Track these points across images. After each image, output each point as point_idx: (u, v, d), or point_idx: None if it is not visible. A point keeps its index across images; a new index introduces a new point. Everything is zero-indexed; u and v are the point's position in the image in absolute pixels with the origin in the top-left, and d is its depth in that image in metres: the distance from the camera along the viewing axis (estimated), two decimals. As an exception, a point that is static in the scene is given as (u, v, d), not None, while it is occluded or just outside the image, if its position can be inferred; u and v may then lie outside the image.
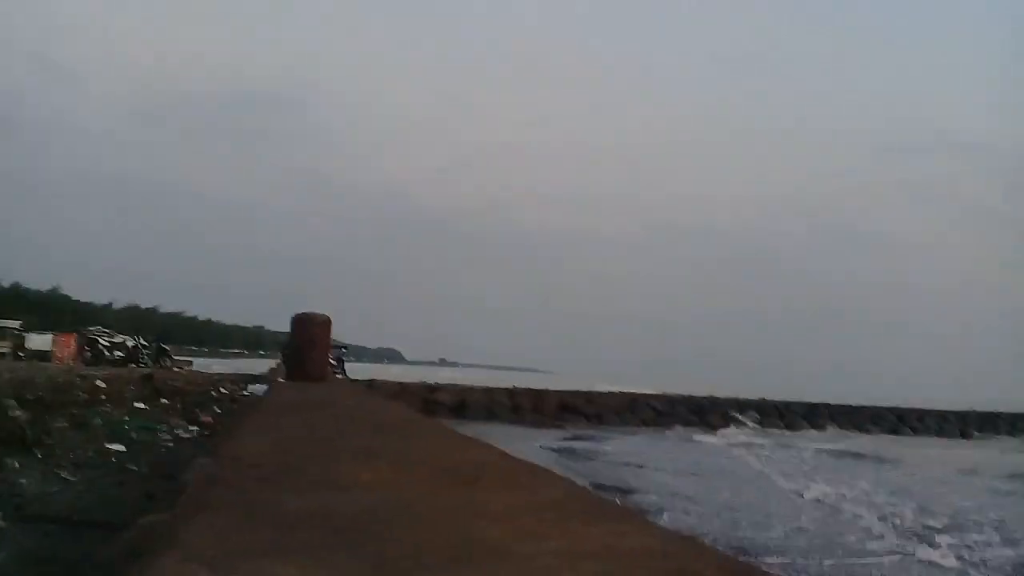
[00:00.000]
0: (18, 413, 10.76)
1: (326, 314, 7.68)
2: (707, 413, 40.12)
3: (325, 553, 2.04)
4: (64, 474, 8.84)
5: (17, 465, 8.42)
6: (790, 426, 40.88)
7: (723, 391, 48.26)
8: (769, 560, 10.84)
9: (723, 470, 22.40)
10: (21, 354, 40.80)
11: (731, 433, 35.39)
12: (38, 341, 44.76)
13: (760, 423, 40.07)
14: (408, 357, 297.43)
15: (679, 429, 36.21)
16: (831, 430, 40.99)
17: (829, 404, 45.25)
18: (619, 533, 2.50)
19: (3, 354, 40.45)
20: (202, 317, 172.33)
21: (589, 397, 38.60)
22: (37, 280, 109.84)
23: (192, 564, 1.95)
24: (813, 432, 39.76)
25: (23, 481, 7.99)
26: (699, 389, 49.58)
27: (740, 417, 40.06)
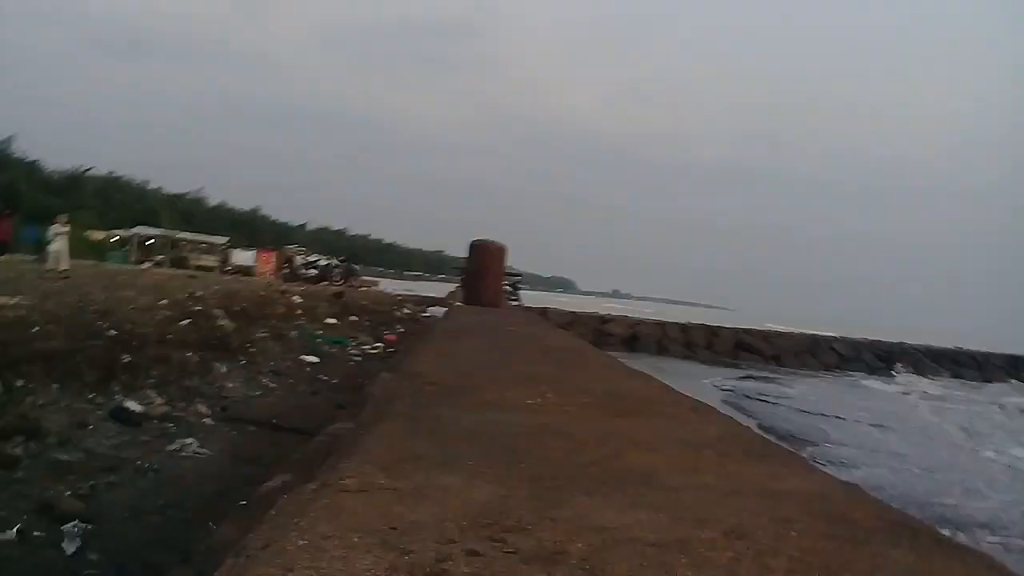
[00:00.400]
0: (225, 323, 11.71)
1: (501, 243, 7.71)
2: (895, 360, 37.79)
3: (487, 467, 2.12)
4: (265, 380, 9.57)
5: (224, 370, 9.17)
6: (989, 379, 37.82)
7: (914, 338, 45.29)
8: (988, 538, 9.99)
9: (920, 426, 20.74)
10: (227, 268, 44.32)
11: (924, 383, 33.11)
12: (242, 257, 48.45)
13: (957, 374, 37.35)
14: (581, 287, 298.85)
15: (864, 375, 34.33)
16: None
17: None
18: (777, 475, 2.40)
19: (211, 268, 44.11)
20: (387, 240, 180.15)
21: (767, 336, 37.27)
22: (240, 200, 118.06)
23: (370, 467, 2.03)
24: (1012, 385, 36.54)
25: (230, 384, 8.70)
26: (888, 335, 46.76)
27: (932, 365, 37.51)
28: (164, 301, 11.69)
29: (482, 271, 7.27)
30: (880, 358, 38.04)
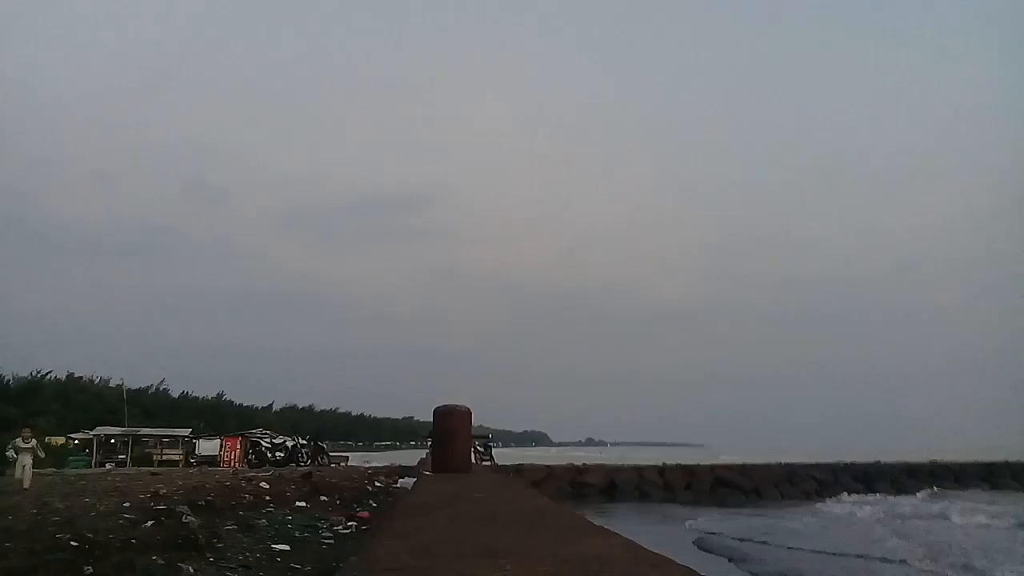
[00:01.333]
0: (191, 519, 11.44)
1: (466, 406, 7.82)
2: (874, 480, 37.65)
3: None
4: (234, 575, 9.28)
5: (192, 570, 8.89)
6: (965, 487, 37.69)
7: (890, 455, 45.30)
8: None
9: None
10: (192, 459, 43.30)
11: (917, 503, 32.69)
12: (207, 446, 47.49)
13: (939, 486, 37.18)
14: (554, 439, 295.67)
15: (845, 498, 34.02)
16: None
17: (1009, 462, 41.57)
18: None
19: (176, 460, 43.08)
20: (355, 412, 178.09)
21: (744, 470, 37.02)
22: (204, 389, 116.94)
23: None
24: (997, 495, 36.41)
25: (199, 585, 8.42)
26: (864, 455, 46.75)
27: (912, 481, 37.37)
28: (127, 504, 11.42)
29: (449, 436, 7.29)
30: (857, 479, 37.88)
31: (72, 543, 8.02)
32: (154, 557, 8.77)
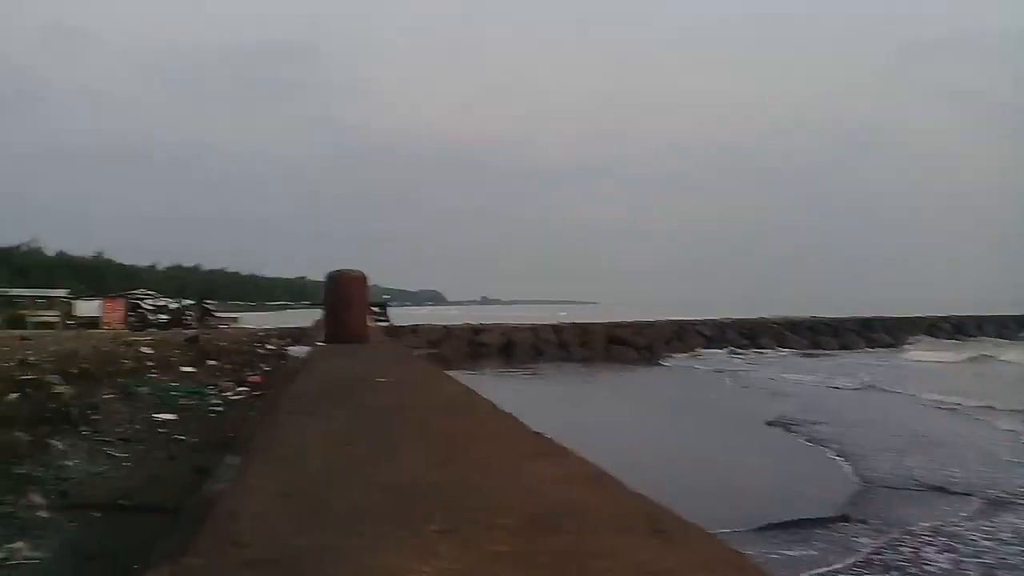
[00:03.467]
0: (63, 389, 10.55)
1: (360, 270, 7.13)
2: (758, 336, 39.35)
3: None
4: (112, 451, 8.58)
5: (62, 446, 8.14)
6: (847, 346, 39.92)
7: (773, 311, 47.43)
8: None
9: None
10: (70, 322, 41.29)
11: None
12: (86, 308, 45.36)
13: (815, 343, 39.20)
14: (449, 298, 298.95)
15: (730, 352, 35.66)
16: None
17: (883, 317, 44.22)
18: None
19: (53, 323, 40.98)
20: (245, 272, 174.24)
21: (637, 328, 37.99)
22: (81, 247, 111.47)
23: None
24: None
25: (69, 463, 7.71)
26: (747, 311, 48.81)
27: (794, 337, 39.28)
28: (-14, 374, 10.40)
29: (343, 303, 6.66)
30: (744, 335, 39.52)
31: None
32: (17, 433, 7.96)
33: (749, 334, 39.80)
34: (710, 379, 26.93)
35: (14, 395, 9.24)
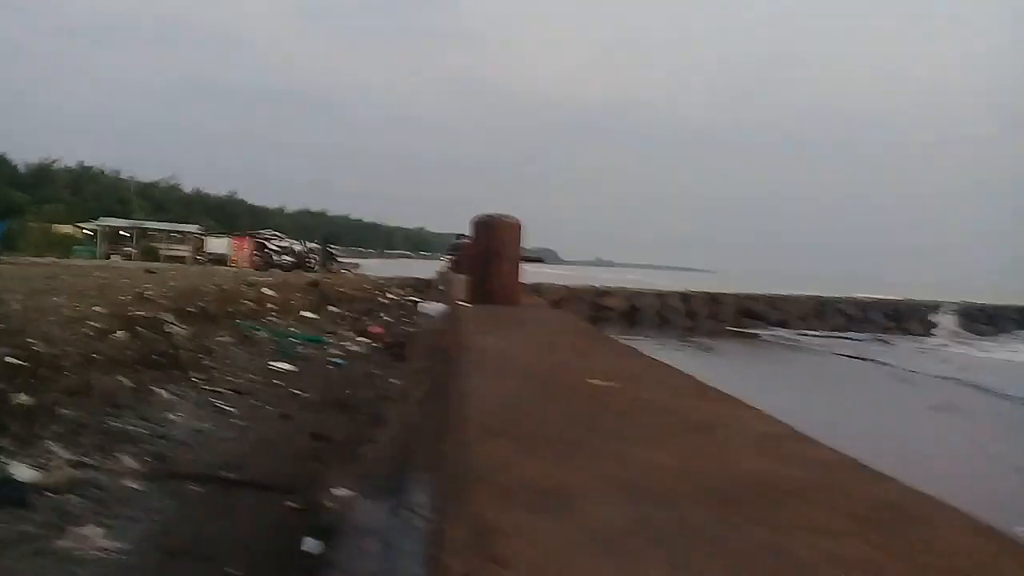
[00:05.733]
0: (176, 329, 9.77)
1: (516, 217, 5.79)
2: (905, 319, 36.28)
3: None
4: (222, 404, 7.65)
5: (168, 396, 7.23)
6: (1001, 331, 36.37)
7: (921, 293, 43.83)
8: None
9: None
10: (199, 257, 42.19)
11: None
12: (216, 244, 46.35)
13: (969, 329, 35.83)
14: (564, 257, 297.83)
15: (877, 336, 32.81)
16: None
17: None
18: None
19: (183, 257, 41.97)
20: (367, 220, 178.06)
21: (771, 301, 35.59)
22: (216, 186, 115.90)
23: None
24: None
25: (173, 417, 6.77)
26: (893, 292, 45.37)
27: (943, 322, 36.01)
28: (97, 308, 9.69)
29: (494, 255, 5.43)
30: (889, 317, 36.53)
31: (8, 359, 6.27)
32: (120, 378, 7.08)
33: (895, 315, 36.77)
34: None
35: (121, 333, 8.42)
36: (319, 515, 4.90)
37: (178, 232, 50.14)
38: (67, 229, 53.22)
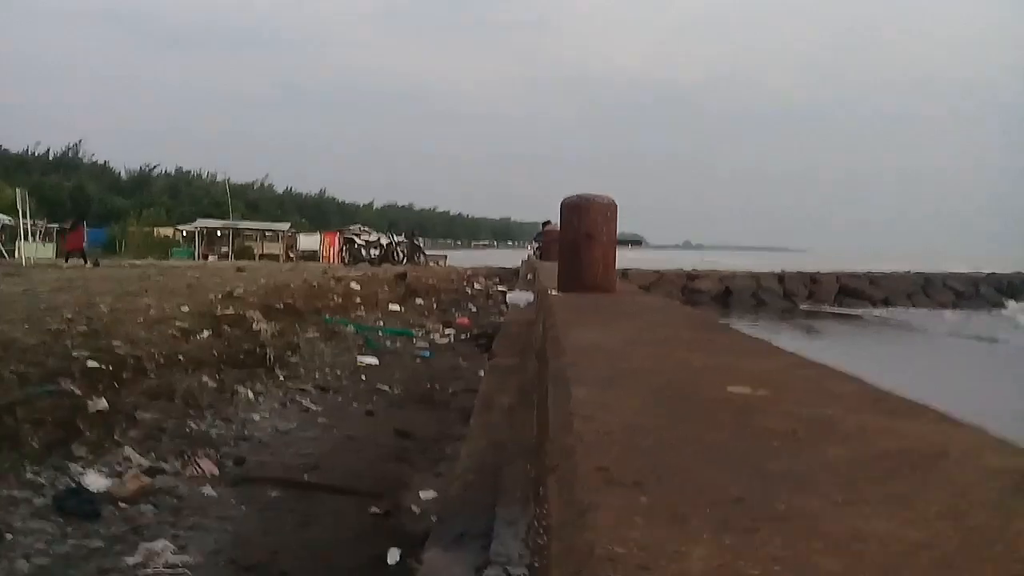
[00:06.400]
0: (263, 326, 9.65)
1: (610, 196, 5.31)
2: (1017, 291, 34.09)
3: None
4: (305, 402, 7.43)
5: (251, 395, 7.04)
6: None
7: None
8: None
9: None
10: (291, 255, 43.02)
11: None
12: (307, 242, 47.29)
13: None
14: (652, 242, 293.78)
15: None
16: None
17: None
18: None
19: (276, 255, 42.88)
20: (453, 212, 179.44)
21: (872, 278, 33.95)
22: (307, 185, 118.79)
23: None
24: None
25: (256, 417, 6.57)
26: (1000, 265, 42.66)
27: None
28: (185, 308, 9.65)
29: (585, 239, 4.97)
30: (1000, 291, 34.39)
31: (90, 363, 6.15)
32: (204, 379, 6.92)
33: (1006, 289, 34.60)
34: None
35: (206, 332, 8.31)
36: (404, 521, 4.58)
37: (271, 231, 51.27)
38: (167, 231, 55.21)
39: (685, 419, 1.19)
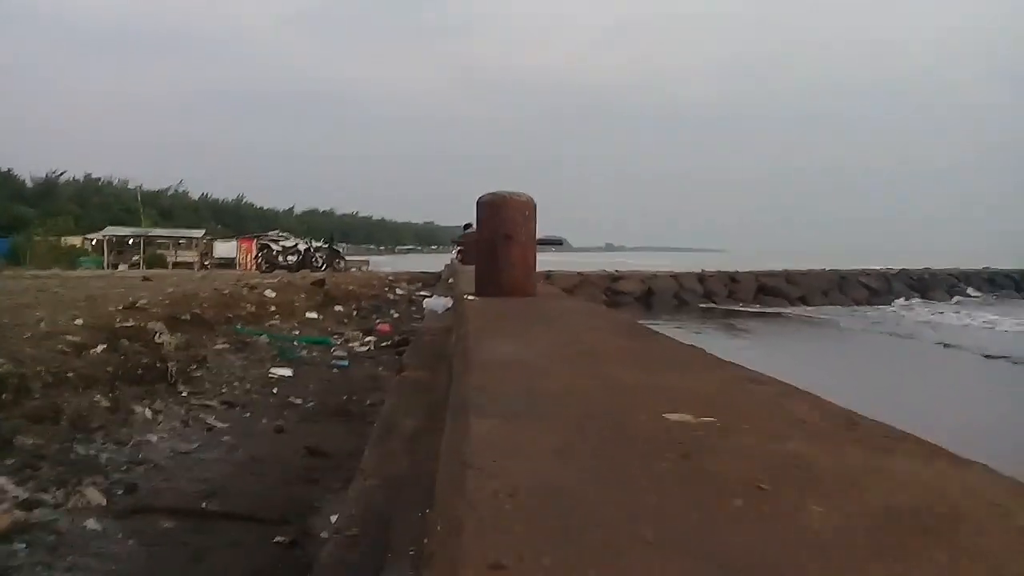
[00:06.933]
0: (166, 339, 9.07)
1: (527, 194, 5.03)
2: (929, 289, 35.31)
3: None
4: (210, 419, 6.94)
5: (149, 414, 6.52)
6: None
7: (941, 262, 42.75)
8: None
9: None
10: (207, 263, 41.71)
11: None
12: (223, 248, 45.92)
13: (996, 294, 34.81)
14: (574, 244, 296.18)
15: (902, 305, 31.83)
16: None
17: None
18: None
19: (190, 263, 41.51)
20: (376, 216, 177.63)
21: (789, 277, 34.69)
22: (224, 191, 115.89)
23: None
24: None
25: (153, 438, 6.06)
26: (911, 262, 44.20)
27: (970, 291, 35.01)
28: (79, 321, 8.99)
29: (503, 238, 4.63)
30: (912, 287, 35.57)
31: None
32: (96, 398, 6.39)
33: (918, 285, 35.81)
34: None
35: (100, 347, 7.73)
36: (311, 551, 4.20)
37: (185, 238, 49.69)
38: (74, 241, 52.92)
39: (616, 467, 0.90)
